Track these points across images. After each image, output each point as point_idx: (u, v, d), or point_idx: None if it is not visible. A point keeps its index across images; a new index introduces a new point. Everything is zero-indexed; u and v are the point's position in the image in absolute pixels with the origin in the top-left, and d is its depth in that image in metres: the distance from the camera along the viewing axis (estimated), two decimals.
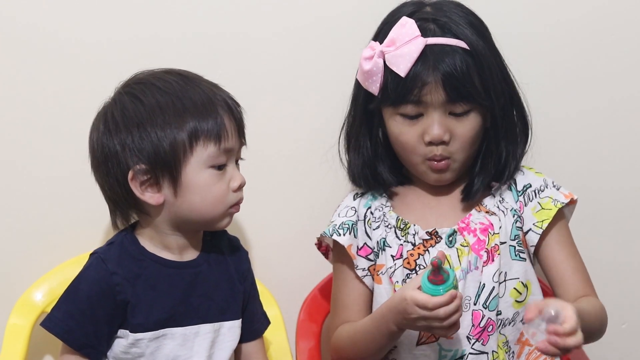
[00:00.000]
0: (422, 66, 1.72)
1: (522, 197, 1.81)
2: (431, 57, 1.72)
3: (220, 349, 1.71)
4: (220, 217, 1.67)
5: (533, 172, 1.85)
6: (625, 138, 2.11)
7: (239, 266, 1.76)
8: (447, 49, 1.73)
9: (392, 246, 1.82)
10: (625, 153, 2.11)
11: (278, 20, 2.02)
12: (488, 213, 1.80)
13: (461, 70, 1.71)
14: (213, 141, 1.63)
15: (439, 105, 1.73)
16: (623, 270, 2.13)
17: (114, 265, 1.64)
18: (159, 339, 1.65)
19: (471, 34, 1.74)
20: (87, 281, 1.64)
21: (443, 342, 1.76)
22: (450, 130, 1.74)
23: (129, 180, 1.62)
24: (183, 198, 1.63)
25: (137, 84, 1.67)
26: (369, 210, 1.86)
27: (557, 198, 1.80)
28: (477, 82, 1.73)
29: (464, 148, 1.76)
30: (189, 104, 1.63)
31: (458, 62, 1.72)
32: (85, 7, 1.97)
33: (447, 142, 1.75)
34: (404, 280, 1.79)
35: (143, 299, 1.64)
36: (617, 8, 2.07)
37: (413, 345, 1.78)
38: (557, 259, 1.79)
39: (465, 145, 1.76)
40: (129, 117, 1.63)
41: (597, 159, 2.10)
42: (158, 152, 1.61)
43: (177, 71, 1.69)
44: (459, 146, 1.76)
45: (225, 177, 1.66)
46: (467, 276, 1.76)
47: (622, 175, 2.11)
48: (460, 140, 1.75)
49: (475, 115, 1.76)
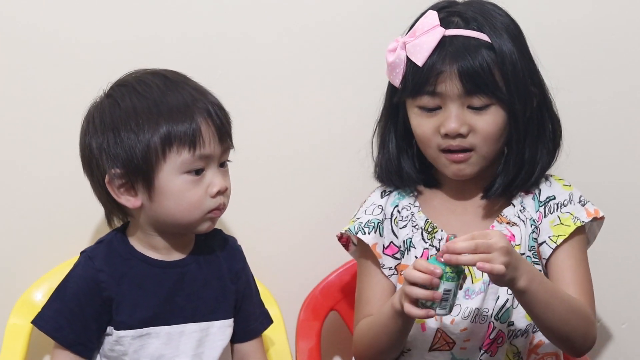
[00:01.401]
0: (439, 56, 1.71)
1: (543, 208, 1.78)
2: (450, 48, 1.71)
3: (209, 348, 1.71)
4: (198, 222, 1.67)
5: (561, 184, 1.82)
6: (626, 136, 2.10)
7: (231, 265, 1.76)
8: (468, 40, 1.71)
9: (417, 247, 1.80)
10: (626, 150, 2.11)
11: (281, 20, 2.03)
12: (509, 224, 1.78)
13: (479, 62, 1.69)
14: (187, 147, 1.62)
15: (455, 97, 1.71)
16: (623, 270, 2.13)
17: (100, 262, 1.66)
18: (143, 337, 1.66)
19: (496, 29, 1.72)
20: (74, 279, 1.67)
21: (456, 350, 1.76)
22: (470, 124, 1.72)
23: (106, 184, 1.64)
24: (158, 203, 1.64)
25: (119, 86, 1.68)
26: (396, 209, 1.84)
27: (579, 215, 1.77)
28: (498, 77, 1.70)
29: (486, 142, 1.73)
30: (165, 109, 1.62)
31: (476, 54, 1.70)
32: (86, 7, 1.97)
33: (465, 135, 1.72)
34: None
35: (127, 297, 1.65)
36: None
37: (426, 350, 1.78)
38: (563, 275, 1.76)
39: (487, 139, 1.73)
40: (106, 121, 1.64)
41: (597, 158, 2.10)
42: (131, 157, 1.61)
43: (163, 73, 1.68)
44: (481, 139, 1.73)
45: (203, 183, 1.64)
46: (487, 288, 1.75)
47: (622, 175, 2.11)
48: (482, 134, 1.72)
49: (497, 110, 1.72)
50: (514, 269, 1.59)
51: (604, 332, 2.13)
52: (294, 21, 2.03)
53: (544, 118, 1.78)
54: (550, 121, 1.79)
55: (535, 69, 1.77)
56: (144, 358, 1.66)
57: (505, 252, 1.57)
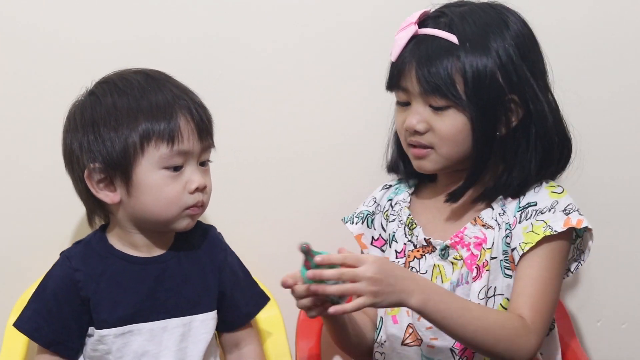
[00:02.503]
0: (408, 54, 1.73)
1: (520, 213, 1.74)
2: (418, 47, 1.72)
3: (193, 342, 1.72)
4: (175, 218, 1.67)
5: (550, 191, 1.76)
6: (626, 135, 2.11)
7: (213, 258, 1.76)
8: (437, 41, 1.71)
9: (398, 242, 1.82)
10: (627, 149, 2.11)
11: (280, 21, 2.03)
12: (484, 226, 1.76)
13: (439, 64, 1.69)
14: (165, 142, 1.63)
15: (417, 94, 1.72)
16: (623, 270, 2.13)
17: (77, 262, 1.68)
18: (125, 335, 1.67)
19: (474, 33, 1.71)
20: (52, 279, 1.69)
21: (424, 347, 1.77)
22: (429, 122, 1.72)
23: (85, 178, 1.65)
24: (136, 198, 1.65)
25: (101, 83, 1.70)
26: (389, 203, 1.87)
27: (553, 225, 1.70)
28: (459, 82, 1.69)
29: (444, 143, 1.73)
30: (145, 105, 1.64)
31: (435, 54, 1.70)
32: (86, 7, 1.98)
33: (422, 132, 1.73)
34: None
35: (106, 295, 1.66)
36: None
37: (398, 344, 1.79)
38: (518, 283, 1.71)
39: (445, 140, 1.72)
40: (87, 117, 1.66)
41: (597, 158, 2.10)
42: (110, 152, 1.63)
43: (146, 72, 1.70)
44: (438, 139, 1.73)
45: (182, 179, 1.65)
46: (456, 289, 1.75)
47: (622, 174, 2.11)
48: (438, 134, 1.72)
49: (455, 114, 1.71)
50: (394, 293, 1.56)
51: (604, 332, 2.13)
52: (293, 22, 2.03)
53: (528, 134, 1.74)
54: (543, 139, 1.74)
55: (522, 85, 1.72)
56: (128, 356, 1.67)
57: (373, 282, 1.55)
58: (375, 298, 1.55)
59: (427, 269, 1.78)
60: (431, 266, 1.78)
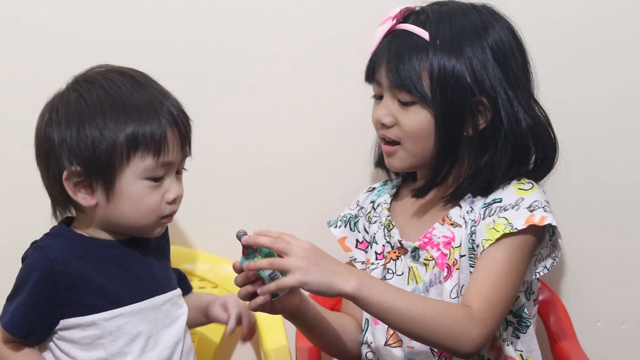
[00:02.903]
0: (382, 47, 1.75)
1: (484, 210, 1.73)
2: (390, 40, 1.75)
3: (181, 315, 1.72)
4: (151, 226, 1.67)
5: (516, 187, 1.74)
6: (627, 134, 2.10)
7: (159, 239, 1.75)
8: (410, 37, 1.73)
9: (378, 243, 1.83)
10: (626, 150, 2.11)
11: (280, 21, 2.03)
12: (452, 225, 1.76)
13: (407, 59, 1.71)
14: (152, 154, 1.62)
15: (387, 88, 1.74)
16: (623, 270, 2.13)
17: (54, 251, 1.64)
18: (117, 317, 1.65)
19: (448, 32, 1.72)
20: (28, 270, 1.65)
21: (404, 349, 1.77)
22: (396, 117, 1.74)
23: (63, 180, 1.63)
24: (115, 205, 1.64)
25: (86, 82, 1.66)
26: (372, 205, 1.88)
27: (513, 222, 1.68)
28: (426, 79, 1.71)
29: (409, 138, 1.74)
30: (132, 109, 1.62)
31: (405, 49, 1.72)
32: (86, 7, 1.98)
33: (389, 126, 1.75)
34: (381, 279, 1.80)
35: (90, 280, 1.64)
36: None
37: (382, 345, 1.80)
38: (476, 269, 1.70)
39: (409, 136, 1.74)
40: (71, 114, 1.63)
41: (597, 158, 2.10)
42: (94, 156, 1.61)
43: (130, 73, 1.68)
44: (404, 134, 1.74)
45: (161, 189, 1.65)
46: (430, 290, 1.75)
47: (622, 174, 2.11)
48: (403, 129, 1.74)
49: (420, 110, 1.72)
50: (325, 274, 1.56)
51: (604, 332, 2.13)
52: (293, 25, 2.03)
53: (497, 137, 1.73)
54: (513, 143, 1.73)
55: (494, 89, 1.72)
56: (122, 338, 1.66)
57: (302, 257, 1.55)
58: (303, 276, 1.55)
59: (403, 270, 1.79)
60: (407, 268, 1.79)
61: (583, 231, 2.09)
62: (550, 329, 1.98)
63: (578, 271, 2.11)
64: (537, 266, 1.75)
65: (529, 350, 1.77)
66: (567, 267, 2.10)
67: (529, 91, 1.78)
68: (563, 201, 2.05)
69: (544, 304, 1.99)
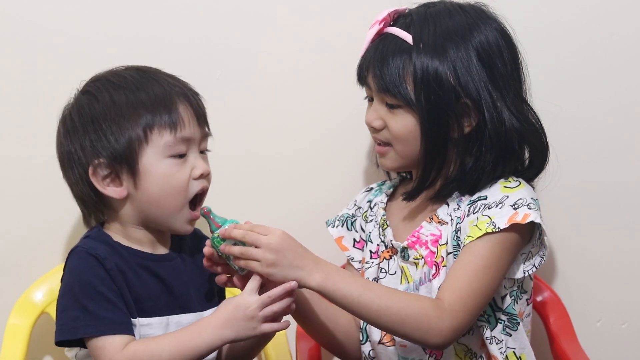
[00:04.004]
0: (371, 50, 1.77)
1: (469, 207, 1.73)
2: (377, 43, 1.76)
3: None
4: (179, 211, 1.65)
5: (502, 186, 1.74)
6: (626, 135, 2.10)
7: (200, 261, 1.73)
8: (392, 38, 1.74)
9: (373, 242, 1.84)
10: (626, 151, 2.11)
11: (280, 21, 2.03)
12: (440, 223, 1.77)
13: (391, 63, 1.72)
14: (168, 129, 1.63)
15: (375, 91, 1.76)
16: (623, 270, 2.13)
17: (102, 252, 1.62)
18: (143, 327, 1.64)
19: (431, 35, 1.72)
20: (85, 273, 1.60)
21: (398, 347, 1.78)
22: (385, 120, 1.76)
23: (90, 176, 1.63)
24: (143, 190, 1.64)
25: (93, 82, 1.69)
26: (369, 205, 1.89)
27: (496, 221, 1.68)
28: (410, 82, 1.71)
29: (397, 141, 1.75)
30: (144, 97, 1.64)
31: (390, 53, 1.73)
32: (86, 7, 1.98)
33: (378, 129, 1.76)
34: (375, 279, 1.81)
35: (128, 283, 1.63)
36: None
37: (376, 342, 1.81)
38: (454, 263, 1.70)
39: (398, 138, 1.75)
40: (85, 115, 1.65)
41: (597, 158, 2.09)
42: (114, 146, 1.62)
43: (135, 67, 1.70)
44: (392, 138, 1.76)
45: (187, 166, 1.65)
46: (420, 288, 1.75)
47: (622, 174, 2.11)
48: (391, 132, 1.75)
49: (406, 113, 1.73)
50: (291, 268, 1.59)
51: (604, 332, 2.13)
52: (292, 24, 2.03)
53: (482, 140, 1.73)
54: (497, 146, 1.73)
55: (478, 92, 1.71)
56: None
57: (272, 250, 1.58)
58: (269, 268, 1.58)
59: (396, 270, 1.80)
60: (398, 267, 1.79)
61: (583, 231, 2.09)
62: (550, 329, 1.98)
63: (578, 271, 2.11)
64: (526, 264, 1.75)
65: (522, 347, 1.77)
66: (567, 267, 2.10)
67: (519, 93, 1.78)
68: (563, 201, 2.05)
69: (544, 304, 1.99)
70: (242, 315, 1.59)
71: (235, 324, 1.59)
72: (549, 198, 1.95)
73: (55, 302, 1.64)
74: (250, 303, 1.59)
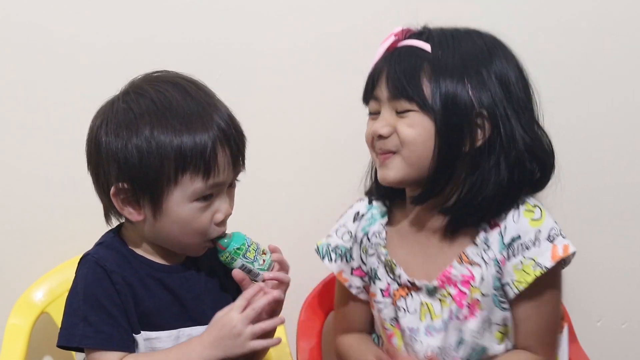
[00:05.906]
0: (382, 62, 1.74)
1: (507, 251, 1.73)
2: (391, 54, 1.74)
3: None
4: (197, 245, 1.63)
5: (529, 218, 1.73)
6: (626, 137, 2.11)
7: (227, 271, 1.68)
8: (407, 48, 1.73)
9: (382, 280, 1.82)
10: (625, 153, 2.11)
11: (280, 21, 2.03)
12: (470, 264, 1.75)
13: (407, 65, 1.71)
14: (201, 176, 1.57)
15: (386, 100, 1.73)
16: (623, 271, 2.13)
17: (111, 265, 1.60)
18: (152, 340, 1.62)
19: (448, 45, 1.72)
20: (91, 284, 1.59)
21: None
22: (394, 126, 1.73)
23: (111, 195, 1.59)
24: (162, 224, 1.60)
25: (135, 93, 1.60)
26: (365, 236, 1.85)
27: (541, 261, 1.70)
28: (427, 86, 1.69)
29: (406, 146, 1.71)
30: (181, 126, 1.56)
31: (406, 58, 1.72)
32: (86, 8, 1.98)
33: (386, 136, 1.73)
34: (394, 319, 1.80)
35: (136, 301, 1.61)
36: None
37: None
38: (525, 324, 1.75)
39: (407, 143, 1.71)
40: (119, 126, 1.57)
41: (597, 158, 2.10)
42: (141, 173, 1.56)
43: (182, 84, 1.61)
44: (400, 142, 1.72)
45: (210, 209, 1.60)
46: (448, 325, 1.75)
47: (621, 175, 2.11)
48: (401, 136, 1.71)
49: (419, 117, 1.70)
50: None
51: (604, 332, 2.13)
52: (293, 24, 2.03)
53: (493, 153, 1.71)
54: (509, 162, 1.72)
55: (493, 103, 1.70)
56: None
57: None
58: None
59: (416, 307, 1.78)
60: (419, 304, 1.78)
61: (583, 232, 2.09)
62: None
63: (578, 271, 2.10)
64: None
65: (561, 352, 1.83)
66: (567, 267, 2.10)
67: (532, 115, 1.76)
68: (563, 202, 2.04)
69: None
70: (228, 334, 1.57)
71: (222, 343, 1.57)
72: (549, 199, 1.95)
73: (55, 302, 1.65)
74: (236, 321, 1.57)
